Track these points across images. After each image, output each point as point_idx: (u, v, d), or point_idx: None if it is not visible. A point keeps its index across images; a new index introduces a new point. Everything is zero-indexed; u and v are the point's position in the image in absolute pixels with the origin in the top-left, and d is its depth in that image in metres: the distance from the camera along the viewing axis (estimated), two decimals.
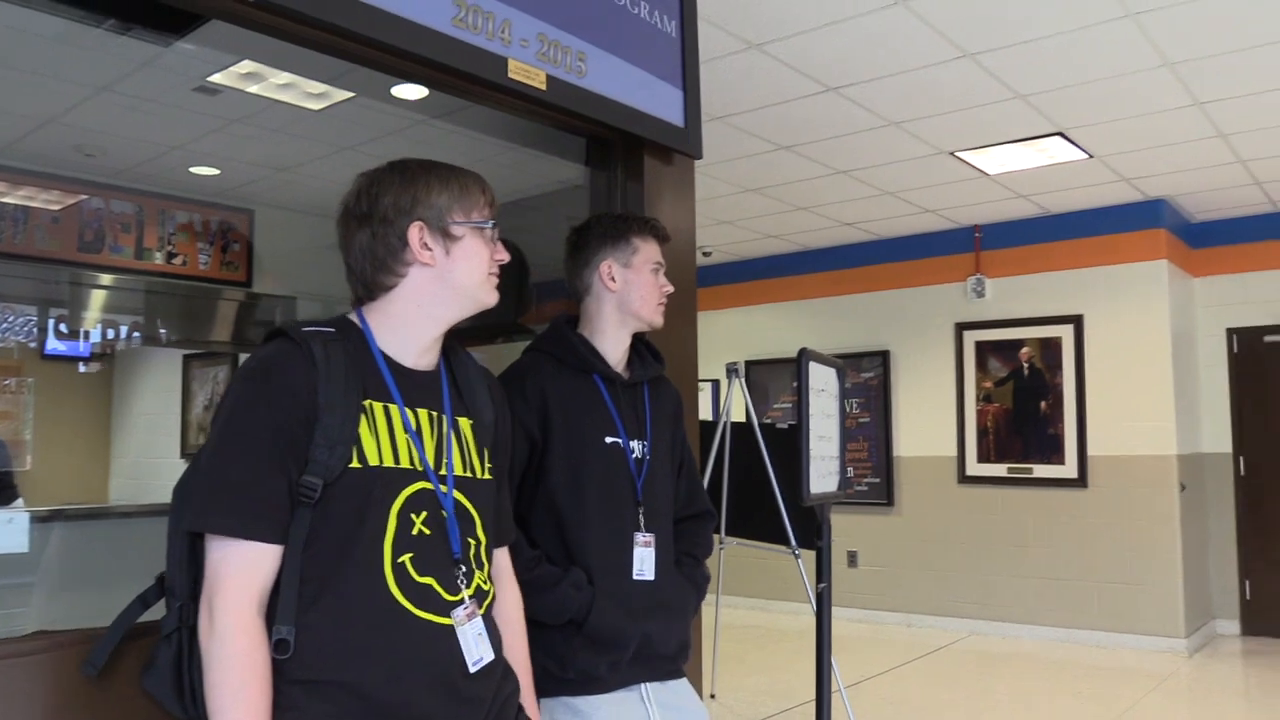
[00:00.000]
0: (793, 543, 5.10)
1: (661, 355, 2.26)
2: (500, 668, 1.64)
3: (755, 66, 4.72)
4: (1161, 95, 5.15)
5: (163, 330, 5.61)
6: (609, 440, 2.07)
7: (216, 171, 5.34)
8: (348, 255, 1.63)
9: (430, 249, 1.60)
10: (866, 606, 8.18)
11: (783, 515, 5.06)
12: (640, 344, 2.21)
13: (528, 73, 2.30)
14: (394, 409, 1.55)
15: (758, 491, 5.16)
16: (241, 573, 1.41)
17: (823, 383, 3.56)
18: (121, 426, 6.61)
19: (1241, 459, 7.60)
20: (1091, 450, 7.31)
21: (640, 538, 2.06)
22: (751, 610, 8.37)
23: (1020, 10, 4.19)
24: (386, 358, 1.59)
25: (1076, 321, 7.43)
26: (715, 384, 8.78)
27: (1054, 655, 6.99)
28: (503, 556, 1.80)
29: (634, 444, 2.10)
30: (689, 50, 2.81)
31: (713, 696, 5.72)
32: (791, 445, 3.58)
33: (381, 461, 1.50)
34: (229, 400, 1.48)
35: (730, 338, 8.99)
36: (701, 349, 7.60)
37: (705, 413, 8.47)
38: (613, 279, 2.12)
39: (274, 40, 2.03)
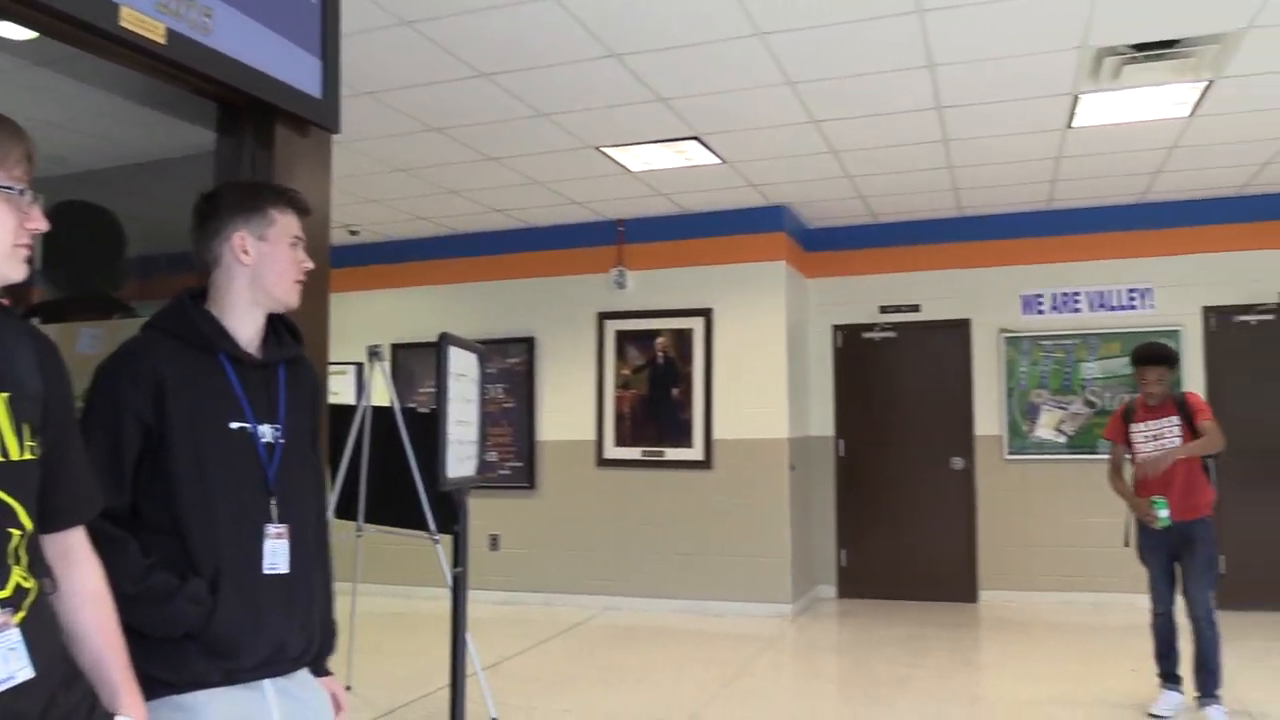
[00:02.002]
0: (432, 528, 5.07)
1: (301, 334, 2.14)
2: (55, 678, 1.45)
3: (407, 44, 4.63)
4: (783, 110, 5.63)
5: None
6: (235, 425, 1.92)
7: None
8: None
9: None
10: (508, 588, 8.32)
11: (422, 500, 5.02)
12: (278, 321, 2.07)
13: (144, 24, 2.10)
14: None
15: (397, 477, 5.07)
16: None
17: (463, 368, 3.57)
18: None
19: (842, 442, 8.53)
20: (716, 434, 7.90)
21: (272, 529, 1.94)
22: (391, 598, 8.24)
23: (662, 17, 4.41)
24: None
25: (706, 315, 7.99)
26: (359, 367, 8.53)
27: (681, 625, 7.49)
28: (73, 536, 1.61)
29: (264, 429, 1.97)
30: (330, 19, 2.70)
31: (349, 688, 5.57)
32: (431, 430, 3.56)
33: None
34: None
35: (377, 320, 8.77)
36: (348, 331, 7.38)
37: (349, 396, 8.22)
38: (245, 252, 1.96)
39: None
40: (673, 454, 8.02)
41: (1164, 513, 4.74)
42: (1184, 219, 7.75)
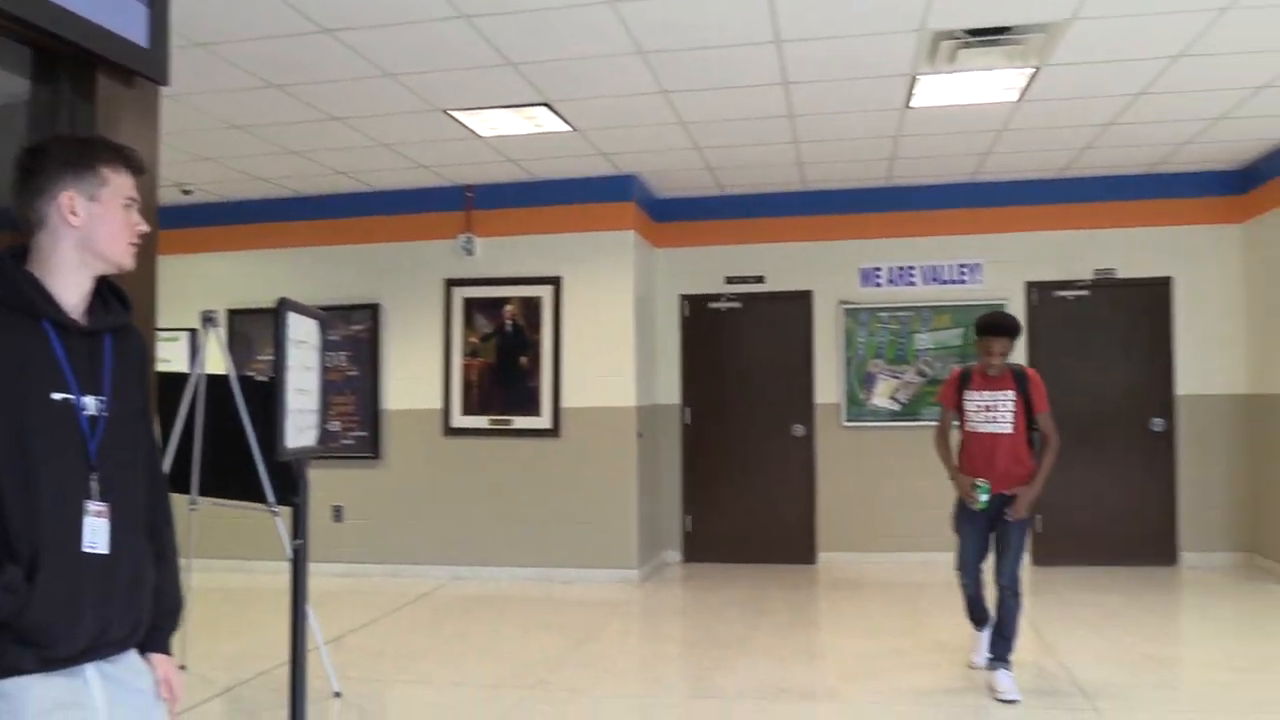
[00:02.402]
0: (271, 500, 4.92)
1: (130, 301, 2.02)
2: None
3: None
4: (634, 80, 5.64)
5: None
6: (57, 396, 1.81)
7: None
8: None
9: None
10: (352, 560, 8.15)
11: (260, 472, 4.86)
12: (105, 287, 1.95)
13: None
14: None
15: (233, 448, 4.89)
16: None
17: (303, 334, 3.46)
18: None
19: (688, 410, 8.68)
20: (564, 403, 7.92)
21: (92, 506, 1.83)
22: (230, 573, 7.96)
23: None
24: None
25: (556, 283, 7.97)
26: (193, 333, 8.16)
27: (529, 593, 7.50)
28: None
29: (88, 400, 1.85)
30: None
31: (183, 668, 5.36)
32: (269, 398, 3.44)
33: None
34: None
35: (213, 284, 8.40)
36: (181, 295, 7.06)
37: (181, 364, 7.86)
38: (74, 213, 1.84)
39: None
40: (521, 423, 7.99)
41: (985, 496, 4.75)
42: (1011, 199, 8.18)
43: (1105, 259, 8.10)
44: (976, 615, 5.12)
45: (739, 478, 8.57)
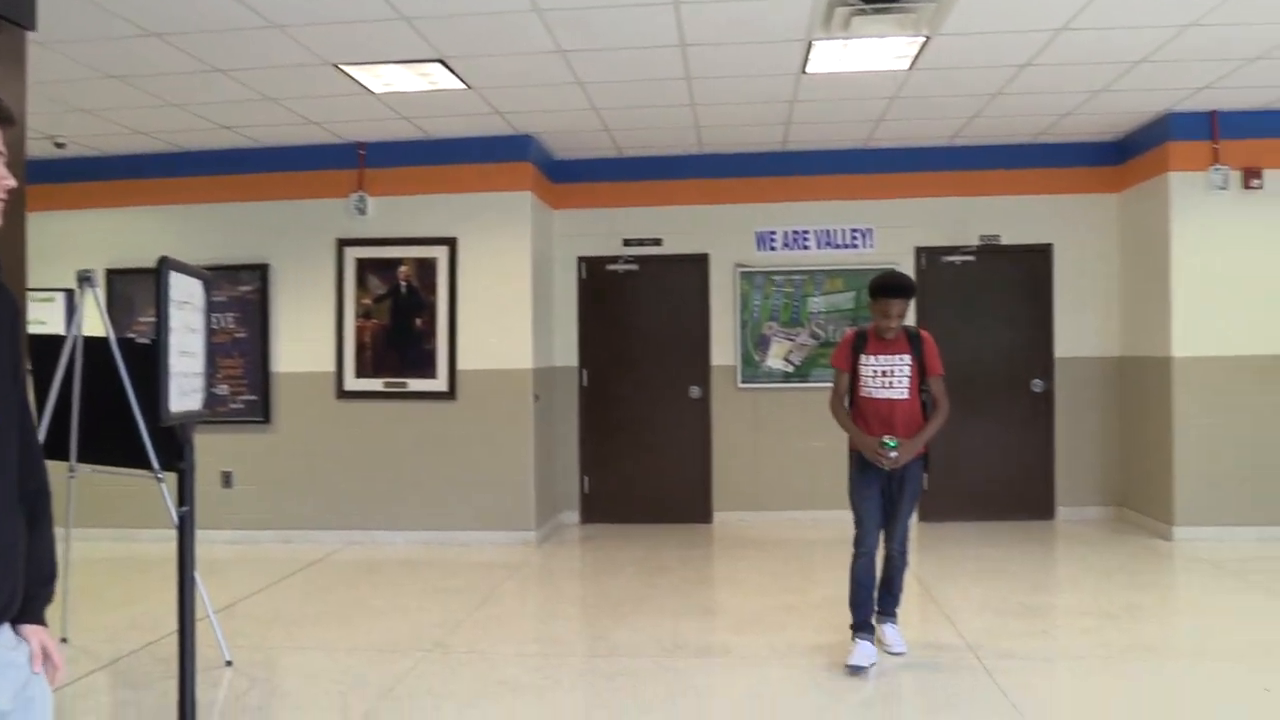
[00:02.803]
0: (155, 466, 4.77)
1: None
2: None
3: None
4: (530, 38, 5.56)
5: None
6: None
7: None
8: None
9: None
10: (242, 527, 7.97)
11: (143, 437, 4.70)
12: None
13: None
14: None
15: (114, 412, 4.71)
16: None
17: (187, 295, 3.34)
18: None
19: (585, 372, 8.69)
20: (461, 365, 7.84)
21: None
22: (113, 541, 7.71)
23: None
24: None
25: (451, 244, 7.86)
26: (69, 294, 7.81)
27: (426, 556, 7.45)
28: None
29: None
30: None
31: (64, 640, 5.18)
32: (152, 361, 3.32)
33: None
34: None
35: (91, 242, 8.04)
36: (56, 254, 6.79)
37: (57, 326, 7.52)
38: None
39: None
40: (416, 385, 7.89)
41: (894, 454, 4.61)
42: (902, 165, 8.36)
43: (990, 225, 8.35)
44: (861, 610, 4.77)
45: (636, 439, 8.63)
